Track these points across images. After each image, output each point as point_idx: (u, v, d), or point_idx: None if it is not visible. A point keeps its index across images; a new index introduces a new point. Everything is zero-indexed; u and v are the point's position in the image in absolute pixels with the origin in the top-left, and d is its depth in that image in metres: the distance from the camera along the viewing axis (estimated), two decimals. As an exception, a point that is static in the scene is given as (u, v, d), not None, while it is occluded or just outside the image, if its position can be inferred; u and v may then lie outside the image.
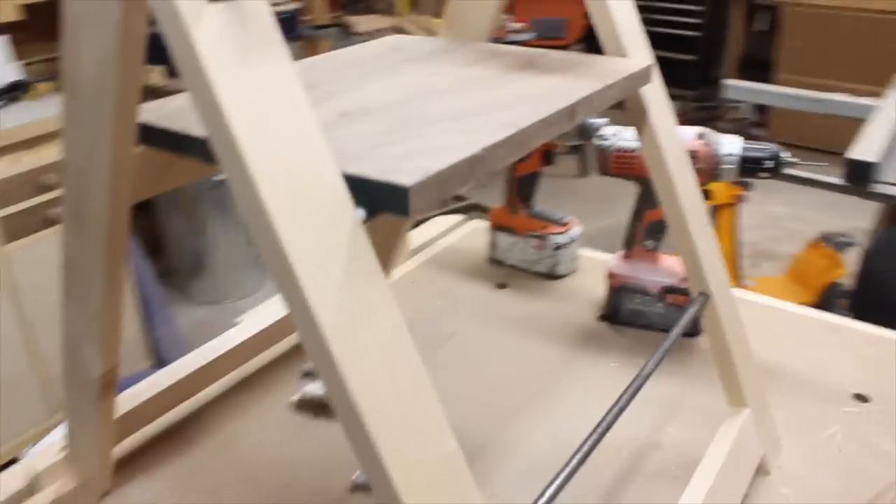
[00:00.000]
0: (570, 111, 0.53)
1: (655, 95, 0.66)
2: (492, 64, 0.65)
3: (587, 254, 1.14)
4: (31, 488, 0.69)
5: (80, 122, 0.46)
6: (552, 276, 1.09)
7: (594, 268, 1.10)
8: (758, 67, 3.95)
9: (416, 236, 1.23)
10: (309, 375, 0.89)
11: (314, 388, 0.82)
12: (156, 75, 2.33)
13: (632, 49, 0.64)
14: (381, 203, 0.40)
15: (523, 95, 0.55)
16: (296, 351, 0.94)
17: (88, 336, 0.56)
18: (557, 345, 0.94)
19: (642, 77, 0.63)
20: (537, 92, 0.56)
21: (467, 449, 0.40)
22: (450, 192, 0.42)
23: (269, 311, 0.93)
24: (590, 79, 0.59)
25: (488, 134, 0.46)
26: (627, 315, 0.97)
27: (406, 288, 1.09)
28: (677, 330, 0.67)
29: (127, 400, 0.70)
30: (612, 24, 0.63)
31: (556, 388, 0.86)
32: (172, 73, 2.39)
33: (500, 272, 1.12)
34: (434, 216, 1.33)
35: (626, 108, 0.66)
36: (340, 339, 0.36)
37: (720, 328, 0.69)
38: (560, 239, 1.07)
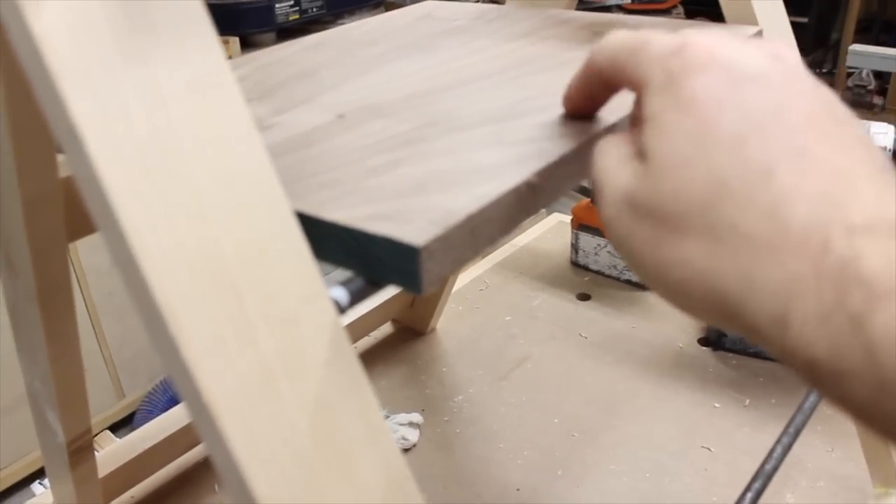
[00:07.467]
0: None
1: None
2: (549, 35, 0.49)
3: (687, 259, 0.97)
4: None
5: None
6: (645, 286, 0.92)
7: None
8: (882, 30, 3.56)
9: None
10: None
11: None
12: (232, 46, 2.22)
13: (764, 13, 0.47)
14: (374, 270, 0.25)
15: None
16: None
17: (46, 398, 0.45)
18: (647, 374, 0.78)
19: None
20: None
21: None
22: (484, 245, 0.27)
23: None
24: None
25: (542, 146, 0.31)
26: (736, 339, 0.80)
27: (474, 297, 0.95)
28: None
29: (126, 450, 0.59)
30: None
31: (643, 433, 0.71)
32: (246, 42, 2.27)
33: (584, 280, 0.96)
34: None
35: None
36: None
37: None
38: (654, 243, 0.90)
